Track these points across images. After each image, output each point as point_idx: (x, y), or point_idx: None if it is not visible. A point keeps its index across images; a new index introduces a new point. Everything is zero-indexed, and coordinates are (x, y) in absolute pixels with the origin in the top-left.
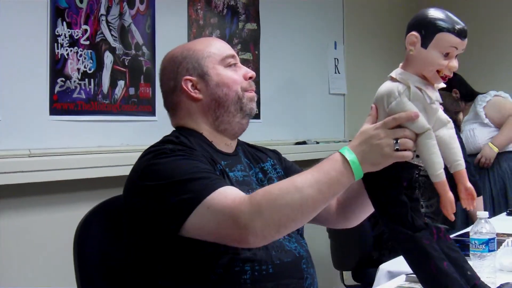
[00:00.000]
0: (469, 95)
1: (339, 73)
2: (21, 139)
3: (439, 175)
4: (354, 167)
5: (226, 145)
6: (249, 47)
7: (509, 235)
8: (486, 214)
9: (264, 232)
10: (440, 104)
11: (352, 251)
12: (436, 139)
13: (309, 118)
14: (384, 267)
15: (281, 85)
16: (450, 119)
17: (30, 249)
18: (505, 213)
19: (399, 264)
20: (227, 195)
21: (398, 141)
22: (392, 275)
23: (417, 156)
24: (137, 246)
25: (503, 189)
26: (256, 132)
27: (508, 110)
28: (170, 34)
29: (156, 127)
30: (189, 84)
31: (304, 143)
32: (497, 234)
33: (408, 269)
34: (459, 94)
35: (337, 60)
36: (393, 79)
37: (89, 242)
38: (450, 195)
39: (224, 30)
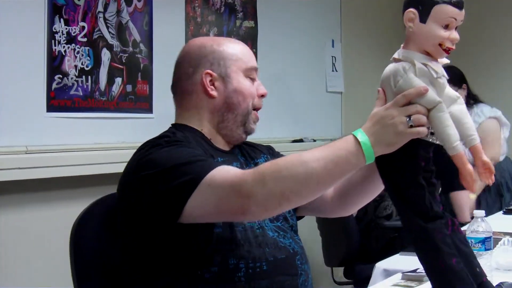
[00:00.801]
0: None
1: (336, 71)
2: (18, 136)
3: (455, 147)
4: (365, 149)
5: (223, 145)
6: (246, 44)
7: (505, 233)
8: (482, 213)
9: (266, 203)
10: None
11: (339, 245)
12: None
13: (306, 116)
14: (380, 265)
15: (278, 83)
16: (459, 95)
17: (27, 246)
18: (501, 211)
19: (395, 262)
20: (229, 170)
21: (411, 118)
22: (388, 273)
23: (432, 134)
24: (132, 244)
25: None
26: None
27: (490, 141)
28: (168, 31)
29: (153, 124)
30: (208, 79)
31: (301, 141)
32: (494, 233)
33: (404, 268)
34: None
35: (335, 58)
36: (396, 60)
37: (86, 239)
38: (469, 167)
39: (222, 27)
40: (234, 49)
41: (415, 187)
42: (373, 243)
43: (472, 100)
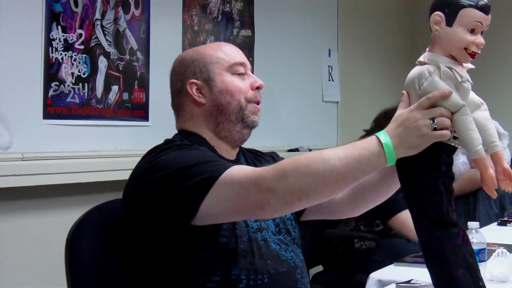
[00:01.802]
0: None
1: (332, 80)
2: (14, 143)
3: (478, 151)
4: (387, 151)
5: (227, 152)
6: (243, 53)
7: (499, 245)
8: (476, 224)
9: (286, 197)
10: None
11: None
12: None
13: (302, 125)
14: (375, 276)
15: (274, 92)
16: (483, 101)
17: (23, 253)
18: (496, 223)
19: (389, 273)
20: (246, 167)
21: (435, 121)
22: (382, 283)
23: (454, 138)
24: (134, 252)
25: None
26: (249, 138)
27: None
28: (165, 39)
29: (149, 132)
30: (194, 88)
31: (296, 150)
32: (488, 244)
33: (399, 278)
34: None
35: (331, 67)
36: (422, 63)
37: (82, 247)
38: (491, 171)
39: (219, 36)
40: (213, 50)
41: (434, 192)
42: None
43: None
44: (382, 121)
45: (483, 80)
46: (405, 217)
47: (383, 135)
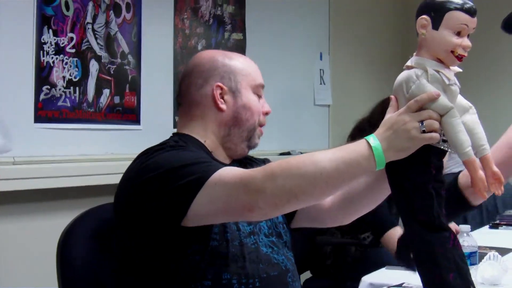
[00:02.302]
0: None
1: (324, 84)
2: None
3: (467, 153)
4: (376, 154)
5: (224, 159)
6: None
7: (491, 248)
8: (468, 227)
9: (275, 199)
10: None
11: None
12: None
13: (294, 128)
14: (367, 279)
15: (265, 95)
16: (471, 105)
17: (13, 257)
18: (488, 226)
19: (381, 276)
20: (236, 169)
21: (424, 123)
22: (374, 287)
23: (443, 141)
24: (126, 256)
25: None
26: None
27: None
28: (156, 43)
29: (141, 136)
30: (218, 92)
31: (288, 154)
32: (479, 248)
33: (390, 282)
34: None
35: (323, 71)
36: (409, 67)
37: (73, 251)
38: (481, 173)
39: (210, 39)
40: (244, 64)
41: (424, 195)
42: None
43: None
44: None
45: (472, 84)
46: (392, 234)
47: (373, 139)
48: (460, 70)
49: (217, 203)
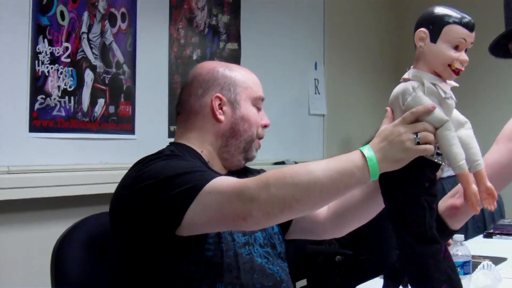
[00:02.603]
0: None
1: (319, 93)
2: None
3: (460, 166)
4: (370, 164)
5: (220, 169)
6: None
7: (485, 257)
8: (461, 237)
9: (268, 208)
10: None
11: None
12: None
13: (288, 138)
14: None
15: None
16: (467, 120)
17: (7, 267)
18: (482, 235)
19: (375, 285)
20: (230, 178)
21: (419, 135)
22: None
23: (438, 154)
24: (120, 265)
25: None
26: None
27: None
28: (151, 52)
29: (136, 145)
30: (217, 102)
31: (282, 163)
32: (473, 257)
33: None
34: None
35: (317, 80)
36: (406, 80)
37: (67, 261)
38: (474, 187)
39: (205, 49)
40: (245, 76)
41: (417, 208)
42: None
43: None
44: None
45: (469, 99)
46: None
47: (367, 149)
48: (457, 84)
49: (211, 212)
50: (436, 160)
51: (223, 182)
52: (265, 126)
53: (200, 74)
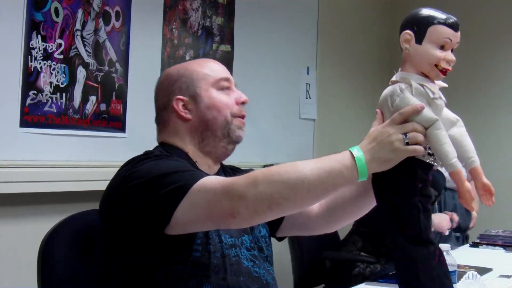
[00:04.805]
0: None
1: (310, 98)
2: None
3: (453, 164)
4: (359, 165)
5: (208, 167)
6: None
7: (470, 267)
8: (448, 246)
9: (256, 205)
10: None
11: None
12: None
13: (278, 141)
14: None
15: (252, 108)
16: (459, 118)
17: None
18: (468, 244)
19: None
20: (219, 177)
21: (408, 136)
22: None
23: (429, 155)
24: (108, 264)
25: None
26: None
27: None
28: (144, 52)
29: (126, 144)
30: (180, 104)
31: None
32: (459, 266)
33: None
34: None
35: (309, 85)
36: (394, 82)
37: (54, 257)
38: (467, 184)
39: (198, 50)
40: (200, 67)
41: (411, 208)
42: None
43: None
44: None
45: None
46: None
47: (356, 150)
48: (446, 85)
49: (199, 210)
50: (428, 161)
51: (212, 180)
52: (242, 103)
53: (160, 85)
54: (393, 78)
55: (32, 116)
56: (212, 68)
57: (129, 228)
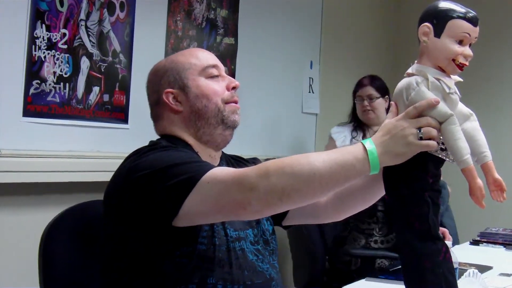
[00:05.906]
0: None
1: (313, 92)
2: None
3: (466, 161)
4: (371, 158)
5: (210, 157)
6: (225, 61)
7: (471, 265)
8: (449, 243)
9: (267, 197)
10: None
11: (305, 267)
12: None
13: (280, 135)
14: None
15: (254, 101)
16: (472, 112)
17: None
18: (468, 242)
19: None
20: (228, 168)
21: (422, 130)
22: None
23: (442, 150)
24: (112, 255)
25: None
26: (227, 146)
27: None
28: (148, 43)
29: (128, 135)
30: (170, 97)
31: None
32: (460, 264)
33: None
34: None
35: (312, 79)
36: (410, 74)
37: (56, 247)
38: (479, 181)
39: (202, 42)
40: (185, 57)
41: (420, 203)
42: (341, 266)
43: None
44: None
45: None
46: None
47: (369, 142)
48: (461, 79)
49: (209, 201)
50: (440, 156)
51: (222, 171)
52: (234, 88)
53: (149, 82)
54: (409, 70)
55: (35, 105)
56: (199, 57)
57: (135, 219)
